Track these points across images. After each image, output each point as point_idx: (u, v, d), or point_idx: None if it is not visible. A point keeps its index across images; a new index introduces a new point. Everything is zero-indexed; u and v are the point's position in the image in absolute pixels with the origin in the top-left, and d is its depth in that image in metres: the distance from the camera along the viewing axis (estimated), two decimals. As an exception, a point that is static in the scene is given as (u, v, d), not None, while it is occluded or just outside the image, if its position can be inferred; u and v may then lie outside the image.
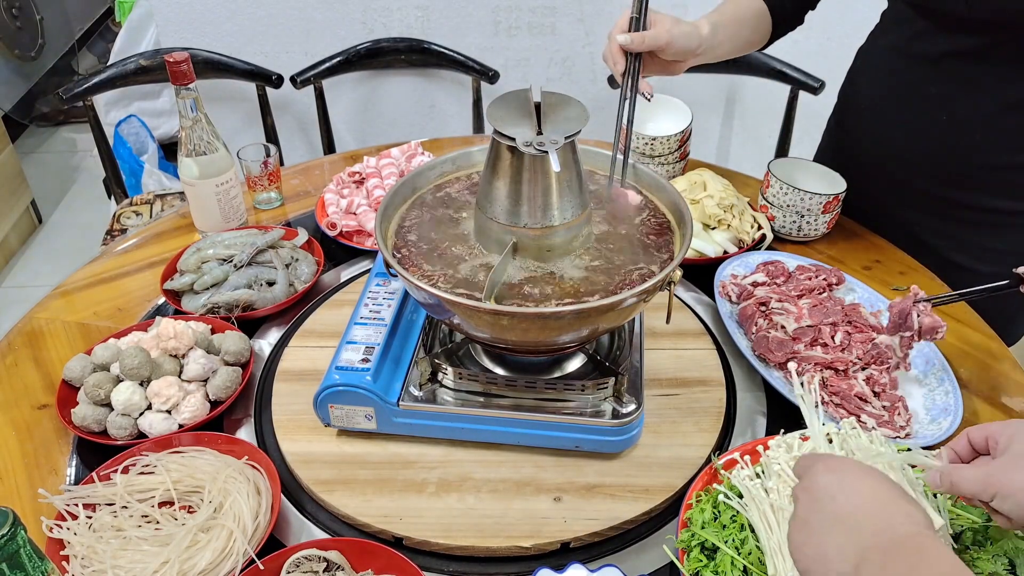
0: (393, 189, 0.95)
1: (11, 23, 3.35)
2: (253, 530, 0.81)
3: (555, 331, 0.81)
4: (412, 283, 0.81)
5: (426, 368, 0.93)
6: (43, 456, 0.97)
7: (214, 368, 1.01)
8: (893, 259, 1.30)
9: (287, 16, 2.21)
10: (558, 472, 0.91)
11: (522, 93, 0.85)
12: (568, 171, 0.83)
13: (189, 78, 1.20)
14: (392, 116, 2.42)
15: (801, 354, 1.04)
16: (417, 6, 2.21)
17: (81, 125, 3.55)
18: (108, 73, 1.93)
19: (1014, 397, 1.04)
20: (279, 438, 0.95)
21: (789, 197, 1.29)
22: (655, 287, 0.82)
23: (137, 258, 1.31)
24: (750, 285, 1.17)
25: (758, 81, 2.03)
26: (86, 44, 3.94)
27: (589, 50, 2.33)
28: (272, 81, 2.02)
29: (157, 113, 2.78)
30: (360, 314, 0.98)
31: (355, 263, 1.30)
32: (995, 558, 0.73)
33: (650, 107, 1.46)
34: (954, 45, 1.11)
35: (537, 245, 0.85)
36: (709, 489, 0.82)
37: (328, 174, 1.55)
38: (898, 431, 0.96)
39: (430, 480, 0.90)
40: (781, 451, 0.80)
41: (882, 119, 1.26)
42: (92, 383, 0.96)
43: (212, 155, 1.26)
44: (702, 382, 1.03)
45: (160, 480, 0.86)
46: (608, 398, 0.91)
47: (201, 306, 1.14)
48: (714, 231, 1.29)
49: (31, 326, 1.17)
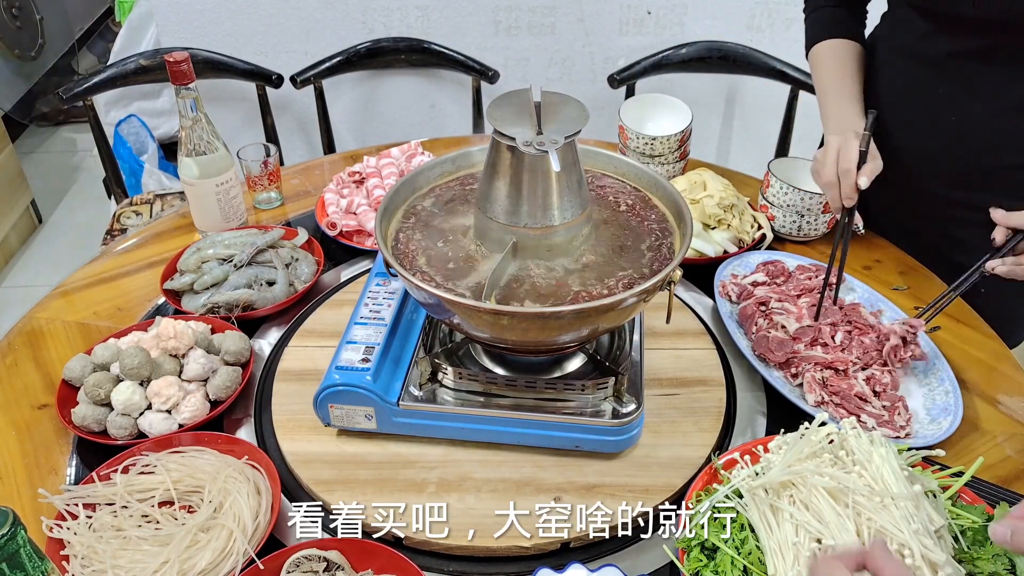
0: (393, 189, 0.95)
1: (11, 23, 3.35)
2: (253, 530, 0.81)
3: (555, 331, 0.81)
4: (412, 283, 0.80)
5: (426, 368, 0.93)
6: (43, 456, 0.96)
7: (214, 368, 1.01)
8: (893, 259, 1.30)
9: (287, 16, 2.21)
10: (558, 472, 0.91)
11: (522, 93, 0.85)
12: (568, 171, 0.83)
13: (189, 78, 1.20)
14: (392, 116, 2.42)
15: (801, 354, 1.04)
16: (417, 6, 2.21)
17: (81, 125, 3.55)
18: (108, 73, 1.93)
19: (1014, 397, 1.04)
20: (279, 438, 0.95)
21: (789, 197, 1.29)
22: (655, 287, 0.82)
23: (137, 258, 1.31)
24: (750, 285, 1.17)
25: (758, 81, 2.03)
26: (86, 44, 3.94)
27: (589, 50, 2.33)
28: (272, 81, 2.02)
29: (157, 113, 2.78)
30: (360, 314, 0.98)
31: (355, 263, 1.30)
32: (995, 558, 0.73)
33: (650, 107, 1.46)
34: (959, 46, 1.11)
35: (537, 245, 0.85)
36: (709, 489, 0.82)
37: (328, 174, 1.55)
38: (898, 431, 0.96)
39: (430, 480, 0.90)
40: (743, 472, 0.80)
41: (887, 119, 1.26)
42: (92, 383, 0.96)
43: (212, 155, 1.26)
44: (702, 382, 1.03)
45: (160, 480, 0.86)
46: (608, 398, 0.91)
47: (201, 306, 1.14)
48: (714, 231, 1.29)
49: (31, 326, 1.17)
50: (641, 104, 1.47)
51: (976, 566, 0.73)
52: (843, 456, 0.78)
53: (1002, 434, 0.99)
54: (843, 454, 0.78)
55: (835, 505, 0.73)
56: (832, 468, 0.76)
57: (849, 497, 0.73)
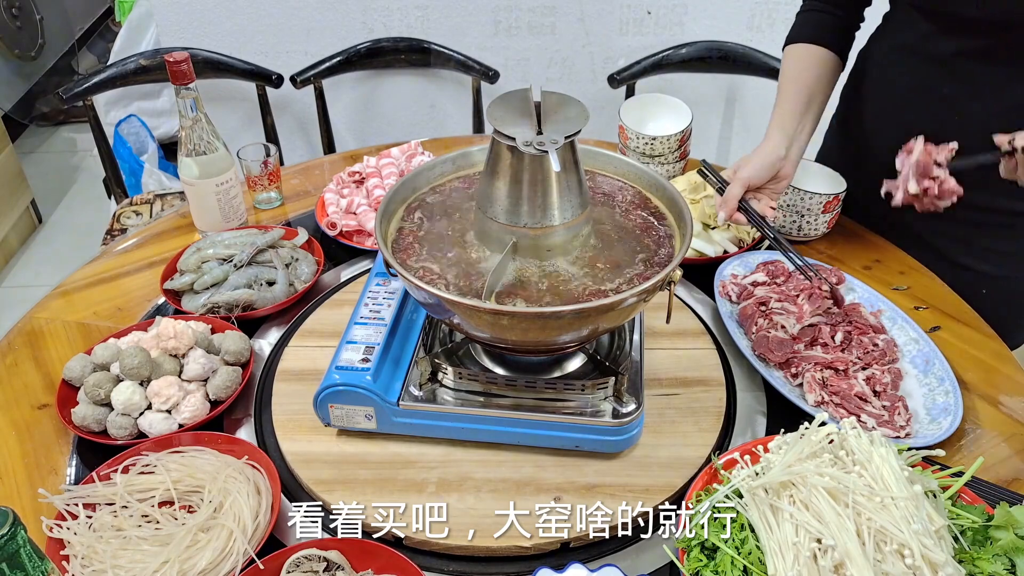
0: (393, 189, 0.95)
1: (11, 23, 3.35)
2: (253, 530, 0.81)
3: (555, 331, 0.81)
4: (412, 283, 0.80)
5: (426, 368, 0.93)
6: (43, 456, 0.96)
7: (214, 368, 1.01)
8: (893, 259, 1.30)
9: (287, 16, 2.21)
10: (558, 472, 0.91)
11: (522, 93, 0.85)
12: (568, 171, 0.83)
13: (189, 78, 1.20)
14: (392, 116, 2.42)
15: (801, 354, 1.04)
16: (417, 6, 2.21)
17: (81, 125, 3.55)
18: (108, 73, 1.93)
19: (1014, 397, 1.04)
20: (279, 438, 0.95)
21: (789, 197, 1.29)
22: (655, 287, 0.82)
23: (137, 258, 1.31)
24: (750, 285, 1.17)
25: (758, 81, 2.03)
26: (86, 44, 3.94)
27: (589, 50, 2.33)
28: (272, 81, 2.02)
29: (157, 113, 2.78)
30: (360, 314, 0.98)
31: (355, 263, 1.30)
32: (995, 558, 0.73)
33: (650, 107, 1.46)
34: (961, 46, 1.11)
35: (537, 245, 0.85)
36: (709, 489, 0.82)
37: (328, 174, 1.55)
38: (898, 431, 0.96)
39: (430, 480, 0.90)
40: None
41: (889, 120, 1.26)
42: (92, 383, 0.96)
43: (212, 155, 1.26)
44: (702, 382, 1.03)
45: (160, 480, 0.86)
46: (608, 398, 0.91)
47: (201, 306, 1.14)
48: (714, 231, 1.29)
49: (31, 326, 1.17)
50: (641, 104, 1.47)
51: (976, 566, 0.73)
52: (843, 456, 0.78)
53: (1002, 434, 0.99)
54: (843, 454, 0.78)
55: (835, 505, 0.73)
56: (832, 468, 0.76)
57: (849, 497, 0.73)
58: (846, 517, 0.72)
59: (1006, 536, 0.74)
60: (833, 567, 0.70)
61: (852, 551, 0.69)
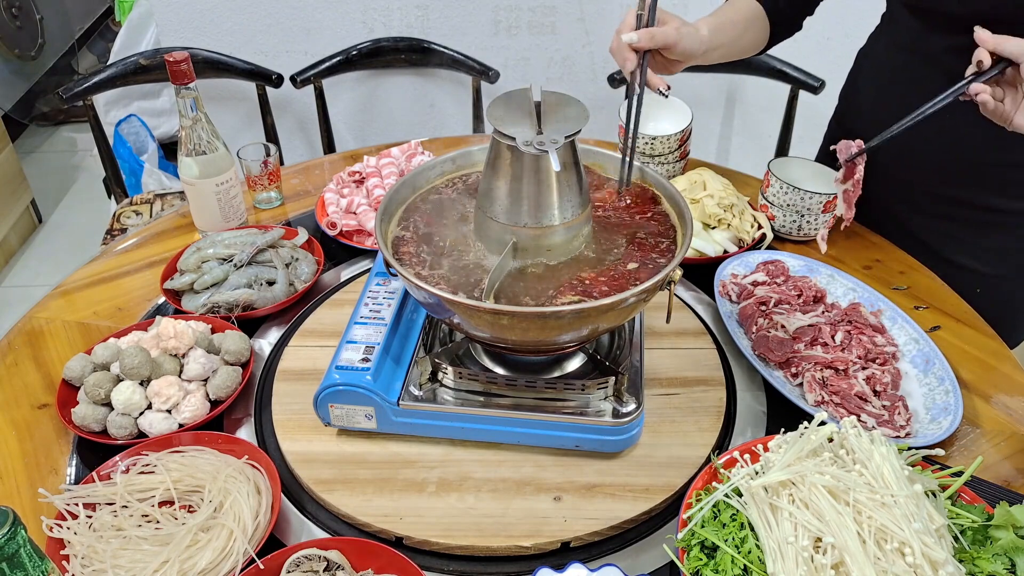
0: (393, 189, 0.95)
1: (11, 23, 3.35)
2: (253, 530, 0.81)
3: (555, 331, 0.81)
4: (412, 282, 0.81)
5: (426, 367, 0.93)
6: (43, 456, 0.97)
7: (214, 368, 1.01)
8: (893, 259, 1.30)
9: (287, 16, 2.21)
10: (558, 472, 0.91)
11: (522, 92, 0.85)
12: (568, 171, 0.83)
13: (189, 77, 1.20)
14: (392, 116, 2.42)
15: (801, 354, 1.04)
16: (417, 6, 2.21)
17: (81, 125, 3.55)
18: (108, 73, 1.93)
19: (1014, 397, 1.04)
20: (279, 438, 0.95)
21: (789, 196, 1.29)
22: (655, 287, 0.82)
23: (137, 258, 1.31)
24: (750, 284, 1.17)
25: (758, 81, 2.03)
26: (86, 44, 3.94)
27: (589, 50, 2.33)
28: (272, 81, 2.02)
29: (157, 113, 2.78)
30: (360, 313, 0.98)
31: (355, 263, 1.30)
32: (995, 557, 0.73)
33: (650, 107, 1.46)
34: (950, 42, 1.11)
35: (537, 244, 0.85)
36: (709, 488, 0.82)
37: (328, 173, 1.55)
38: (898, 431, 0.96)
39: (430, 480, 0.90)
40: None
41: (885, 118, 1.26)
42: (92, 383, 0.96)
43: (212, 154, 1.26)
44: (702, 381, 1.03)
45: (160, 480, 0.86)
46: (608, 397, 0.91)
47: (201, 305, 1.14)
48: (714, 230, 1.29)
49: (31, 326, 1.17)
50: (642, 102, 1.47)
51: (976, 566, 0.73)
52: (843, 455, 0.78)
53: (1002, 434, 0.99)
54: (843, 453, 0.78)
55: (835, 504, 0.73)
56: (832, 467, 0.76)
57: (850, 495, 0.73)
58: (846, 515, 0.72)
59: (1006, 535, 0.74)
60: (832, 566, 0.70)
61: (853, 549, 0.69)
